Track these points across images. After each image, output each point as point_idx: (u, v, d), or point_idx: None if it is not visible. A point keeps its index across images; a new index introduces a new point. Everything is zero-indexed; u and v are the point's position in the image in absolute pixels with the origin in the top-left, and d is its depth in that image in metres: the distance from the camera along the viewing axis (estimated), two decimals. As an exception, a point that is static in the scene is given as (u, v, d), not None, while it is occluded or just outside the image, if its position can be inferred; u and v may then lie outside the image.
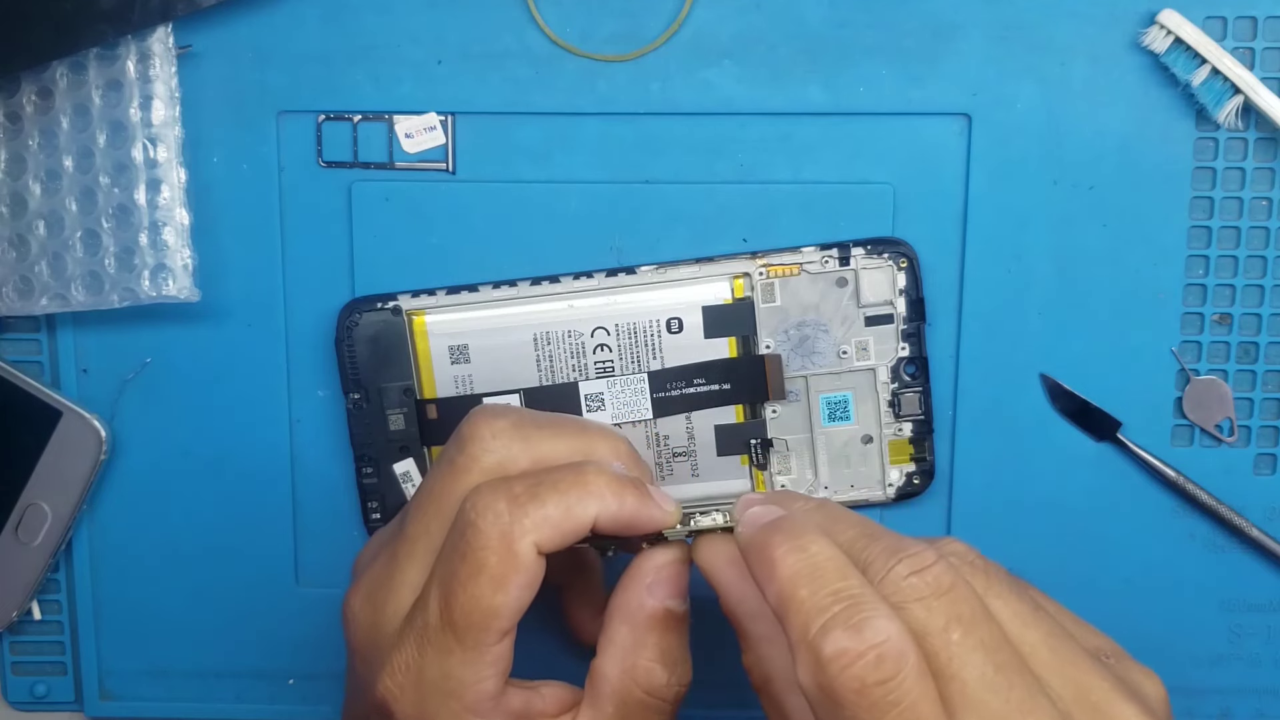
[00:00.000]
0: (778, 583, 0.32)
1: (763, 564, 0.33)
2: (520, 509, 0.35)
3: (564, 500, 0.36)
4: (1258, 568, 0.47)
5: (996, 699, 0.30)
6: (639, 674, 0.37)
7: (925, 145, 0.46)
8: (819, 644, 0.30)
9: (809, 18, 0.45)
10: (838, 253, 0.46)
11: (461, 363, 0.46)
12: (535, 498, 0.35)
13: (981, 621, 0.31)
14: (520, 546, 0.35)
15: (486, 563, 0.35)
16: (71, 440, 0.47)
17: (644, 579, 0.37)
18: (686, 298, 0.46)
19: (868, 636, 0.30)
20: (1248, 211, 0.46)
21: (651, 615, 0.37)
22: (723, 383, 0.46)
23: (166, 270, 0.45)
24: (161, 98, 0.45)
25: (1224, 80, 0.44)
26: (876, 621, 0.30)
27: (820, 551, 0.32)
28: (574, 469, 0.37)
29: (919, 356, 0.46)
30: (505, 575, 0.35)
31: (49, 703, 0.50)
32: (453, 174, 0.47)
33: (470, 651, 0.35)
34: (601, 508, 0.36)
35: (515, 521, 0.35)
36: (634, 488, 0.37)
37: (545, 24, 0.46)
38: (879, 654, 0.29)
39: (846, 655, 0.29)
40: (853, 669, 0.29)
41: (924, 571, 0.31)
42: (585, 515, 0.36)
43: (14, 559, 0.48)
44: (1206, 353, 0.46)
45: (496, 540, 0.35)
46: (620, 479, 0.37)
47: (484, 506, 0.35)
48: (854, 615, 0.30)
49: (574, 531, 0.36)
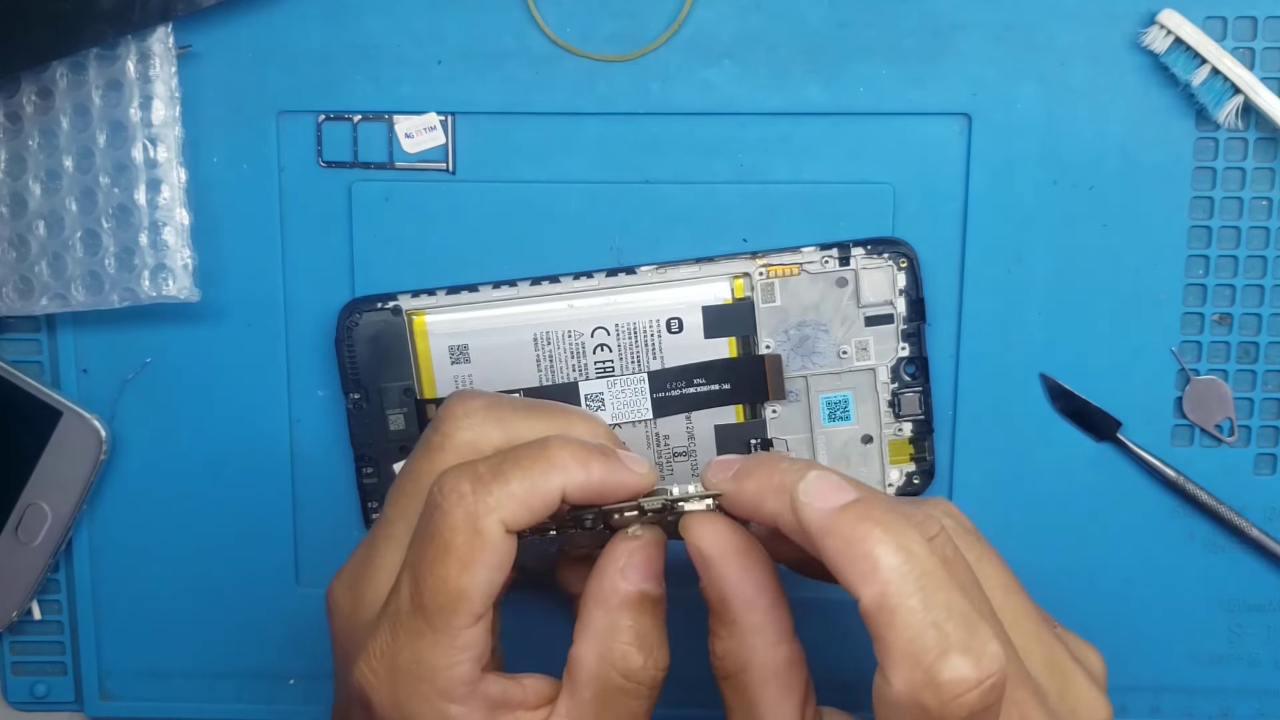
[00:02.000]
0: (880, 585, 0.31)
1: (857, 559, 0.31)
2: (484, 487, 0.35)
3: (528, 475, 0.35)
4: (1258, 568, 0.47)
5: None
6: (615, 658, 0.36)
7: (925, 145, 0.46)
8: (938, 668, 0.30)
9: (809, 18, 0.45)
10: (838, 253, 0.46)
11: (461, 363, 0.46)
12: (499, 475, 0.35)
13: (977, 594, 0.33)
14: (485, 524, 0.34)
15: (453, 544, 0.34)
16: (71, 440, 0.47)
17: (617, 562, 0.37)
18: (686, 298, 0.46)
19: (986, 665, 0.30)
20: (1248, 211, 0.46)
21: (625, 598, 0.36)
22: (723, 383, 0.46)
23: (166, 270, 0.45)
24: (161, 98, 0.45)
25: (1224, 80, 0.44)
26: (992, 647, 0.30)
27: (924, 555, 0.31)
28: (538, 443, 0.36)
29: (919, 356, 0.46)
30: (472, 555, 0.34)
31: (49, 703, 0.50)
32: (453, 174, 0.47)
33: (441, 634, 0.35)
34: (567, 479, 0.35)
35: (480, 500, 0.35)
36: (600, 454, 0.36)
37: (545, 24, 0.46)
38: (993, 684, 0.30)
39: (965, 684, 0.30)
40: (968, 697, 0.30)
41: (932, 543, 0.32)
42: (551, 488, 0.35)
43: (14, 559, 0.48)
44: (1206, 353, 0.46)
45: (461, 520, 0.34)
46: (586, 447, 0.36)
47: (449, 488, 0.35)
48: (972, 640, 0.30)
49: (542, 506, 0.35)
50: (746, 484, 0.35)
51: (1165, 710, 0.48)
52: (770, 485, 0.34)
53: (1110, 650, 0.48)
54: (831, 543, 0.32)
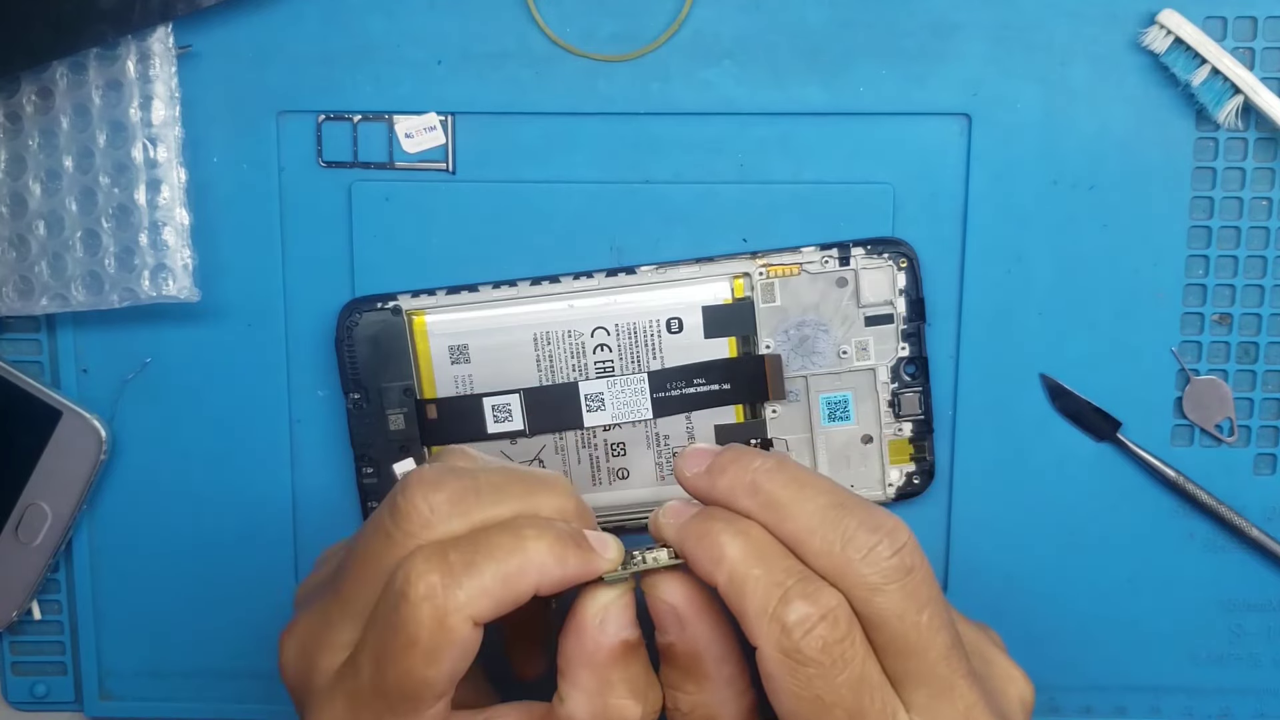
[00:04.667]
0: (729, 565, 0.34)
1: (709, 549, 0.35)
2: (454, 581, 0.34)
3: (501, 569, 0.34)
4: (1258, 568, 0.47)
5: (945, 671, 0.35)
6: (612, 713, 0.36)
7: (925, 145, 0.46)
8: (783, 613, 0.33)
9: (809, 18, 0.45)
10: (838, 253, 0.46)
11: (461, 363, 0.46)
12: (470, 567, 0.34)
13: (940, 603, 0.35)
14: (454, 621, 0.34)
15: (419, 638, 0.34)
16: (71, 440, 0.47)
17: (594, 619, 0.36)
18: (686, 298, 0.46)
19: (823, 603, 0.34)
20: (1248, 211, 0.46)
21: (611, 652, 0.36)
22: (723, 383, 0.46)
23: (166, 270, 0.45)
24: (161, 98, 0.45)
25: (1224, 80, 0.44)
26: (826, 591, 0.34)
27: (761, 535, 0.35)
28: (512, 533, 0.35)
29: (919, 356, 0.46)
30: (438, 650, 0.34)
31: (49, 703, 0.50)
32: (453, 174, 0.47)
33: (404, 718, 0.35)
34: (542, 575, 0.35)
35: (449, 595, 0.33)
36: (574, 546, 0.35)
37: (545, 24, 0.46)
38: (835, 616, 0.33)
39: (809, 619, 0.33)
40: (816, 630, 0.33)
41: (902, 551, 0.34)
42: (525, 584, 0.34)
43: (14, 559, 0.48)
44: (1206, 353, 0.46)
45: (428, 615, 0.34)
46: (561, 538, 0.35)
47: (416, 577, 0.34)
48: (807, 587, 0.34)
49: (513, 601, 0.34)
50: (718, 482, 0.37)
51: (1165, 710, 0.48)
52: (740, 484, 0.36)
53: (1110, 650, 0.48)
54: (688, 548, 0.36)
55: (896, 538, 0.34)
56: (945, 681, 0.34)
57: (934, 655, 0.34)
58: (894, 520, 0.35)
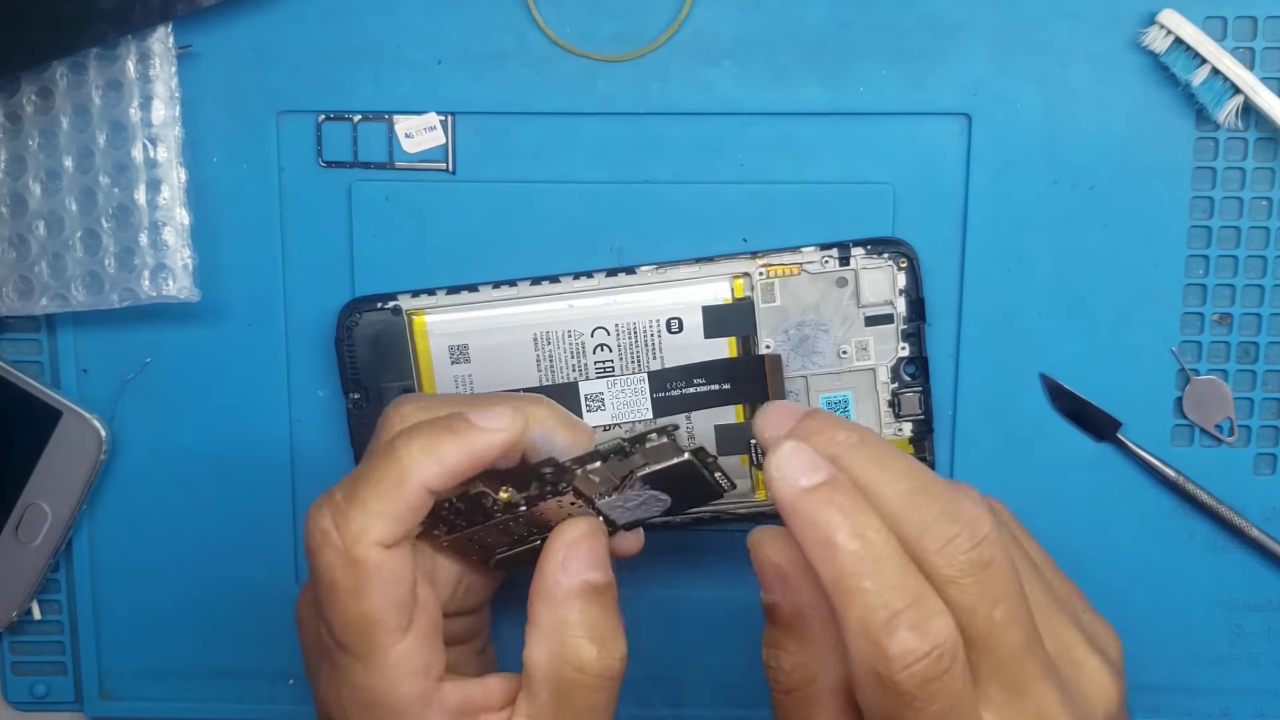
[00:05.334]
0: (838, 568, 0.32)
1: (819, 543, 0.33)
2: (344, 516, 0.34)
3: (381, 487, 0.34)
4: (1258, 568, 0.47)
5: (1019, 669, 0.33)
6: (567, 652, 0.36)
7: (925, 145, 0.46)
8: (886, 642, 0.31)
9: (809, 18, 0.45)
10: (838, 253, 0.46)
11: (461, 363, 0.46)
12: (354, 499, 0.34)
13: (1019, 598, 0.33)
14: (359, 553, 0.34)
15: (336, 580, 0.34)
16: (71, 440, 0.47)
17: (555, 557, 0.36)
18: (686, 298, 0.46)
19: (932, 638, 0.32)
20: (1248, 211, 0.46)
21: (569, 591, 0.36)
22: (723, 383, 0.46)
23: (166, 270, 0.45)
24: (161, 98, 0.45)
25: (1224, 80, 0.44)
26: (938, 621, 0.32)
27: (880, 541, 0.33)
28: (385, 450, 0.35)
29: (919, 356, 0.46)
30: (358, 585, 0.34)
31: (49, 703, 0.50)
32: (453, 174, 0.47)
33: (368, 660, 0.35)
34: (423, 474, 0.35)
35: (343, 530, 0.34)
36: (448, 431, 0.35)
37: (545, 24, 0.46)
38: (940, 653, 0.32)
39: (913, 655, 0.31)
40: (917, 667, 0.31)
41: (981, 545, 0.33)
42: (411, 492, 0.34)
43: (14, 559, 0.48)
44: (1206, 353, 0.46)
45: (333, 556, 0.34)
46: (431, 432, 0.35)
47: (311, 525, 0.34)
48: (919, 616, 0.32)
49: (409, 512, 0.34)
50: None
51: (1165, 710, 0.48)
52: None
53: (1110, 650, 0.48)
54: (796, 522, 0.33)
55: (976, 530, 0.33)
56: (1018, 679, 0.33)
57: (1006, 652, 0.33)
58: (977, 510, 0.33)
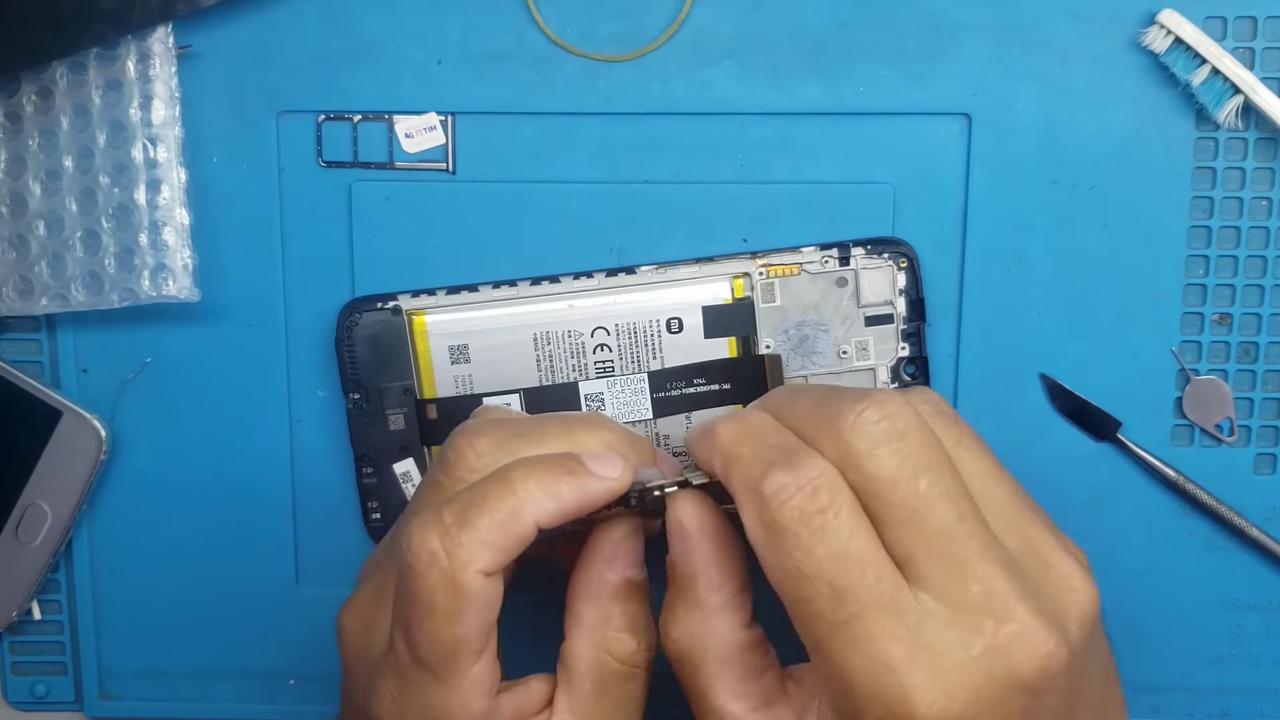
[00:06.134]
0: (721, 448, 0.35)
1: (706, 445, 0.35)
2: (453, 540, 0.34)
3: (495, 517, 0.34)
4: (1258, 568, 0.47)
5: (955, 547, 0.33)
6: (611, 645, 0.37)
7: (925, 145, 0.46)
8: (761, 484, 0.33)
9: (809, 18, 0.45)
10: (838, 253, 0.46)
11: (461, 363, 0.46)
12: (466, 523, 0.34)
13: (947, 471, 0.33)
14: (463, 579, 0.34)
15: (435, 603, 0.34)
16: (71, 440, 0.47)
17: (601, 555, 0.37)
18: (686, 298, 0.46)
19: (803, 473, 0.33)
20: (1248, 211, 0.46)
21: (615, 589, 0.37)
22: (723, 383, 0.46)
23: (166, 270, 0.45)
24: (161, 98, 0.45)
25: (1224, 80, 0.44)
26: (810, 460, 0.33)
27: (756, 418, 0.35)
28: (500, 479, 0.35)
29: (919, 356, 0.46)
30: (457, 609, 0.34)
31: (49, 703, 0.50)
32: (453, 174, 0.47)
33: (447, 680, 0.35)
34: (537, 511, 0.35)
35: (451, 555, 0.34)
36: (567, 473, 0.35)
37: (545, 24, 0.46)
38: (814, 486, 0.32)
39: (786, 490, 0.32)
40: (793, 501, 0.32)
41: (892, 417, 0.33)
42: (523, 527, 0.35)
43: (14, 559, 0.48)
44: (1206, 353, 0.46)
45: (437, 579, 0.34)
46: (551, 470, 0.35)
47: (418, 546, 0.34)
48: (791, 458, 0.33)
49: (516, 545, 0.35)
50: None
51: (1165, 710, 0.48)
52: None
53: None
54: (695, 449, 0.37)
55: (885, 405, 0.33)
56: (957, 557, 0.32)
57: (937, 526, 0.33)
58: (885, 393, 0.34)
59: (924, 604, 0.32)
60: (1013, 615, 0.32)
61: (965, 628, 0.32)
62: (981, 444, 0.37)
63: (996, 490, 0.35)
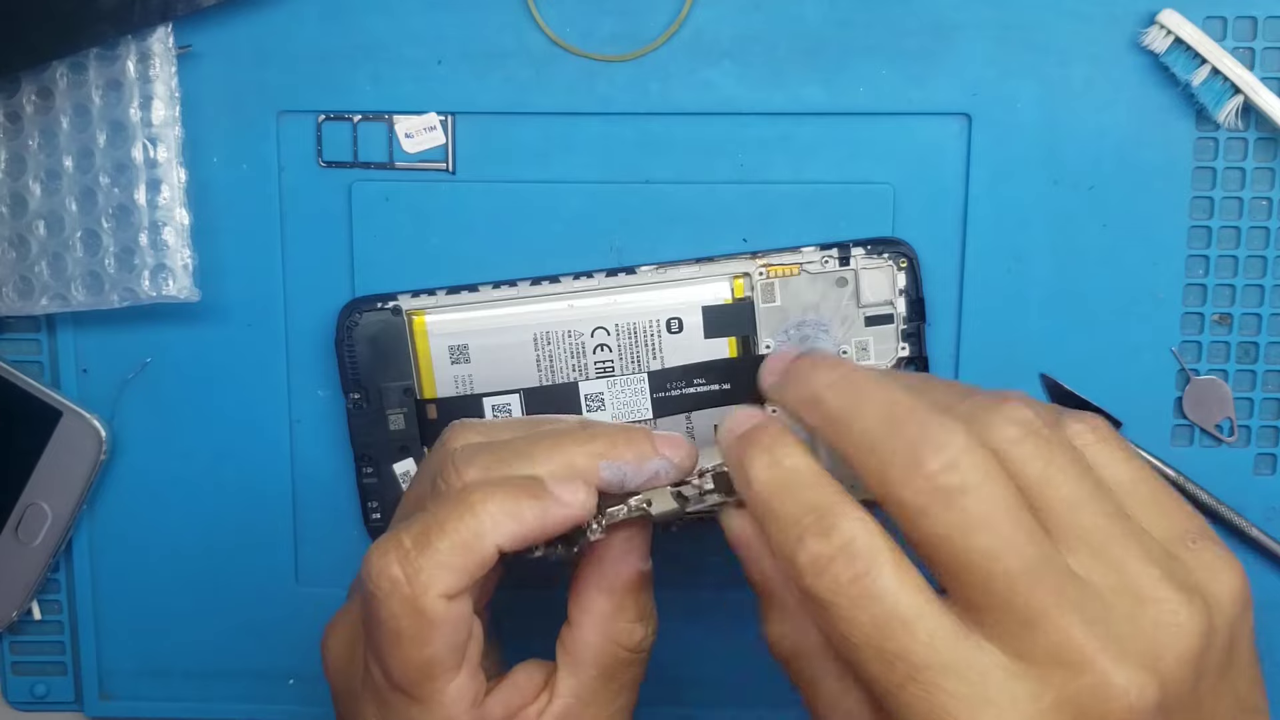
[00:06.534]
0: (754, 498, 0.33)
1: (741, 481, 0.34)
2: (413, 565, 0.34)
3: (455, 541, 0.34)
4: (1258, 568, 0.47)
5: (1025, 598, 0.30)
6: (621, 635, 0.37)
7: (925, 145, 0.46)
8: (796, 555, 0.31)
9: (809, 18, 0.45)
10: (838, 253, 0.46)
11: (461, 363, 0.46)
12: (426, 547, 0.34)
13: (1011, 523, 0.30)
14: (425, 603, 0.34)
15: (400, 629, 0.34)
16: (71, 440, 0.47)
17: (616, 548, 0.37)
18: (686, 298, 0.46)
19: (836, 538, 0.31)
20: (1248, 211, 0.46)
21: (628, 580, 0.37)
22: (723, 383, 0.46)
23: (166, 270, 0.45)
24: (161, 98, 0.45)
25: (1224, 80, 0.44)
26: (843, 522, 0.31)
27: (791, 464, 0.33)
28: (459, 501, 0.35)
29: (919, 356, 0.46)
30: (422, 634, 0.34)
31: (49, 703, 0.50)
32: (453, 174, 0.47)
33: (426, 701, 0.35)
34: (499, 534, 0.34)
35: (412, 580, 0.33)
36: (530, 495, 0.35)
37: (545, 24, 0.46)
38: (848, 553, 0.30)
39: (820, 560, 0.31)
40: (828, 571, 0.31)
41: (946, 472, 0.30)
42: (484, 548, 0.34)
43: (14, 559, 0.48)
44: (1206, 353, 0.46)
45: (399, 605, 0.34)
46: (512, 494, 0.35)
47: (378, 574, 0.34)
48: (824, 521, 0.31)
49: (478, 568, 0.34)
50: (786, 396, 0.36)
51: (1165, 710, 0.48)
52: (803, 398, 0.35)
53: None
54: (732, 471, 0.35)
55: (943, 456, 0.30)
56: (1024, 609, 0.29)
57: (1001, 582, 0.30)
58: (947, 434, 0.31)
59: (988, 655, 0.30)
60: (1089, 666, 0.29)
61: (1034, 679, 0.30)
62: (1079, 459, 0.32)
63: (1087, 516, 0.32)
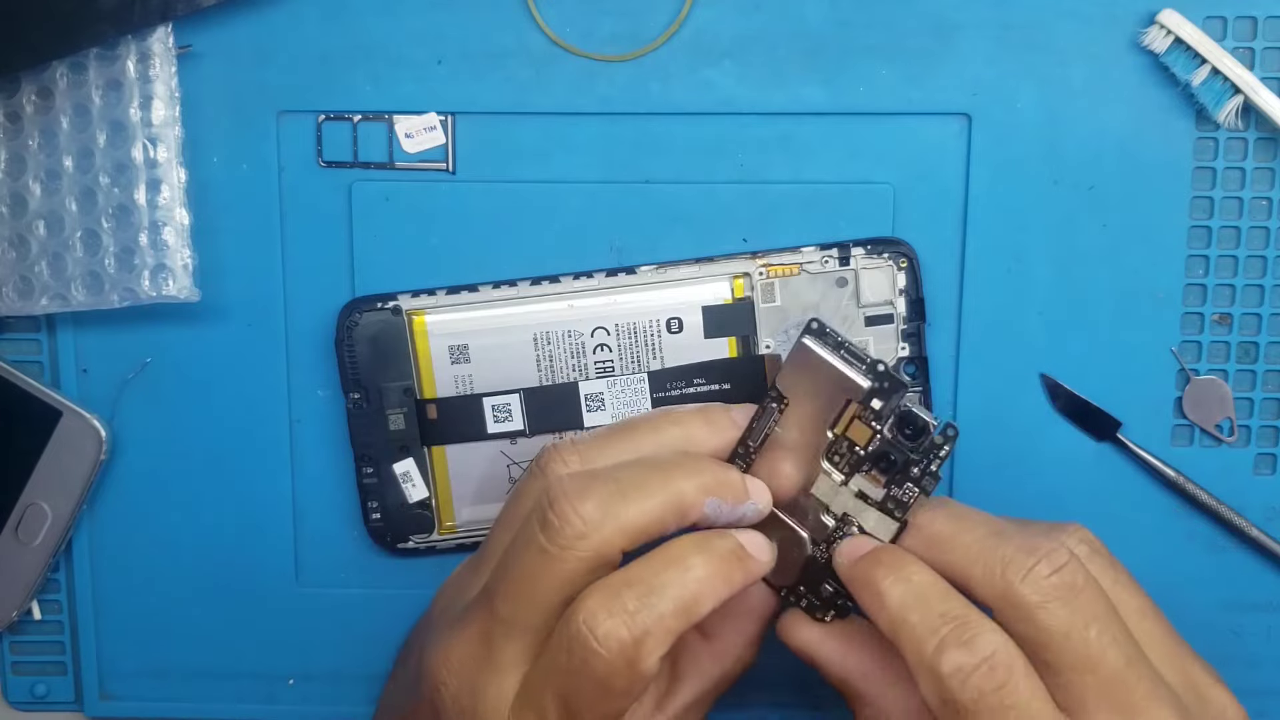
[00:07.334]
0: (888, 611, 0.36)
1: (870, 596, 0.37)
2: (638, 626, 0.35)
3: (680, 604, 0.36)
4: (1258, 568, 0.47)
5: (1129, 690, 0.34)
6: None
7: (925, 145, 0.46)
8: (937, 663, 0.34)
9: (809, 18, 0.45)
10: (838, 253, 0.46)
11: (461, 363, 0.46)
12: (650, 609, 0.35)
13: (1114, 619, 0.35)
14: (645, 665, 0.35)
15: (613, 684, 0.35)
16: (71, 440, 0.47)
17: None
18: (686, 298, 0.46)
19: (979, 651, 0.34)
20: (1248, 211, 0.46)
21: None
22: (723, 383, 0.46)
23: (166, 270, 0.45)
24: (161, 98, 0.45)
25: (1224, 80, 0.44)
26: (984, 636, 0.34)
27: (920, 579, 0.36)
28: (676, 563, 0.36)
29: (919, 356, 0.46)
30: (631, 689, 0.35)
31: (49, 703, 0.50)
32: (453, 174, 0.47)
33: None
34: (715, 598, 0.37)
35: (639, 644, 0.35)
36: (736, 562, 0.37)
37: (545, 24, 0.46)
38: (991, 665, 0.34)
39: (963, 670, 0.34)
40: (971, 681, 0.34)
41: (1062, 570, 0.35)
42: (701, 611, 0.36)
43: (14, 559, 0.48)
44: (1206, 353, 0.46)
45: (622, 665, 0.35)
46: (723, 559, 0.37)
47: (605, 634, 0.35)
48: (964, 633, 0.34)
49: (689, 629, 0.36)
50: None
51: (1165, 710, 0.48)
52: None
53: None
54: (855, 589, 0.38)
55: (1055, 558, 0.35)
56: (1127, 701, 0.34)
57: (1108, 672, 0.34)
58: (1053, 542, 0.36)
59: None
60: None
61: None
62: (1133, 580, 0.39)
63: (1153, 627, 0.38)
